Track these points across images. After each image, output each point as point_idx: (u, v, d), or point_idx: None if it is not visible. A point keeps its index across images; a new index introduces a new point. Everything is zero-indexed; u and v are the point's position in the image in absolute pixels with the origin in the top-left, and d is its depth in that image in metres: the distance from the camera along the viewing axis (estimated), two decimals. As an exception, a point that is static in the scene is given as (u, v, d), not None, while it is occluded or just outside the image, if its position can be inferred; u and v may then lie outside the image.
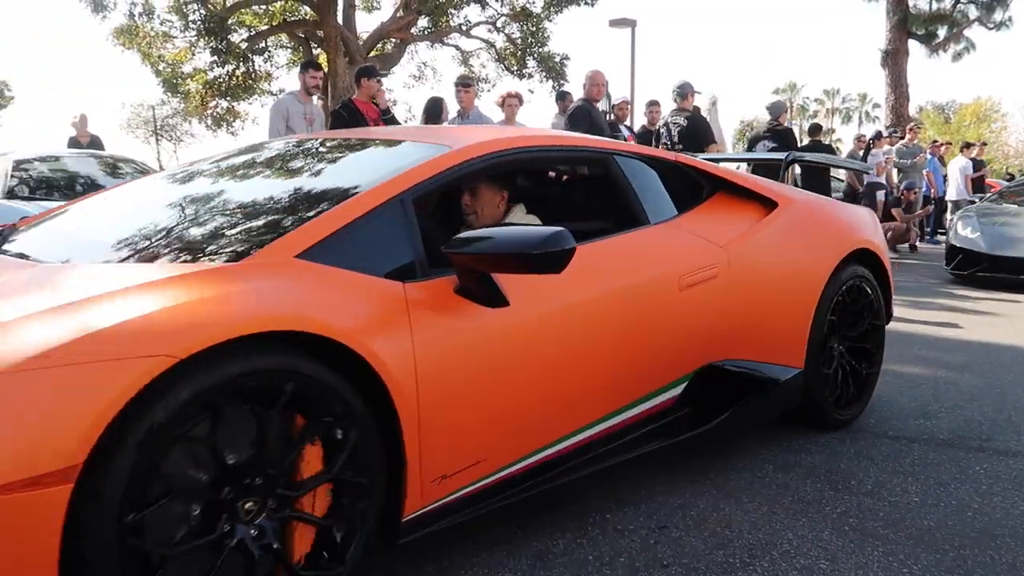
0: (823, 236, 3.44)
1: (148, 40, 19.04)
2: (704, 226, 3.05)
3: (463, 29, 20.74)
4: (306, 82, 6.82)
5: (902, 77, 22.52)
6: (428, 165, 2.41)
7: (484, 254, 2.11)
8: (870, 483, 2.92)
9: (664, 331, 2.77)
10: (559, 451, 2.46)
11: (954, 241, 9.05)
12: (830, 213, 3.66)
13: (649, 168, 3.11)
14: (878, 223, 3.98)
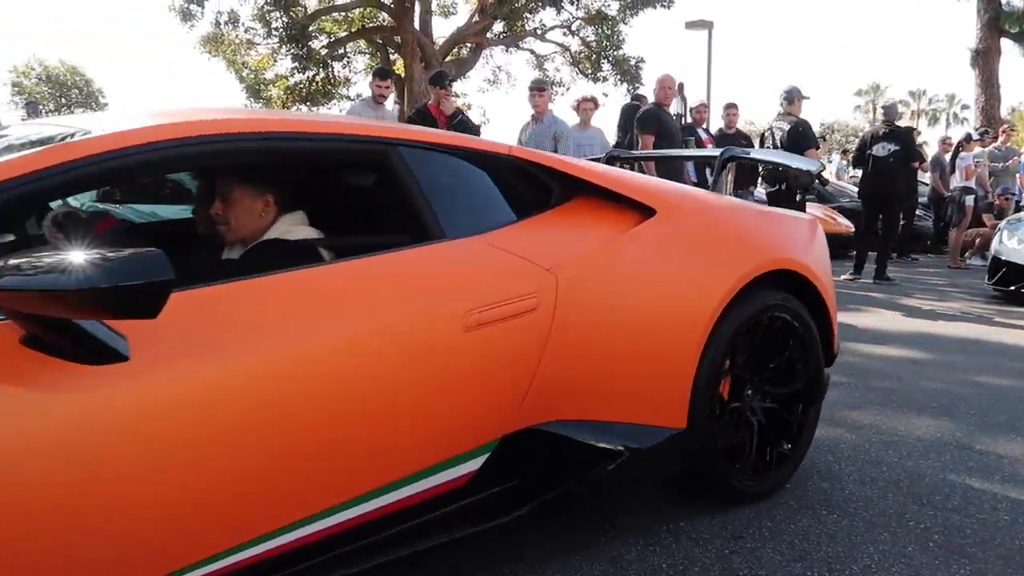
0: (717, 254, 2.58)
1: (233, 47, 19.66)
2: (528, 243, 2.23)
3: (538, 33, 20.79)
4: (372, 90, 7.00)
5: (993, 77, 21.65)
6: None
7: (12, 291, 1.38)
8: (957, 499, 2.81)
9: (434, 387, 1.97)
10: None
11: (998, 252, 7.80)
12: (733, 224, 2.76)
13: (464, 165, 2.33)
14: (816, 237, 3.04)
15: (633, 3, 19.39)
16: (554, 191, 2.48)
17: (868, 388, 4.29)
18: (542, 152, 2.61)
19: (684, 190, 2.93)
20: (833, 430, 3.56)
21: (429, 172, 2.20)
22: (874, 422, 3.69)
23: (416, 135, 2.27)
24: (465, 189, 2.32)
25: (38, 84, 39.53)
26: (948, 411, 3.87)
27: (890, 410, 3.89)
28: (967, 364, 4.87)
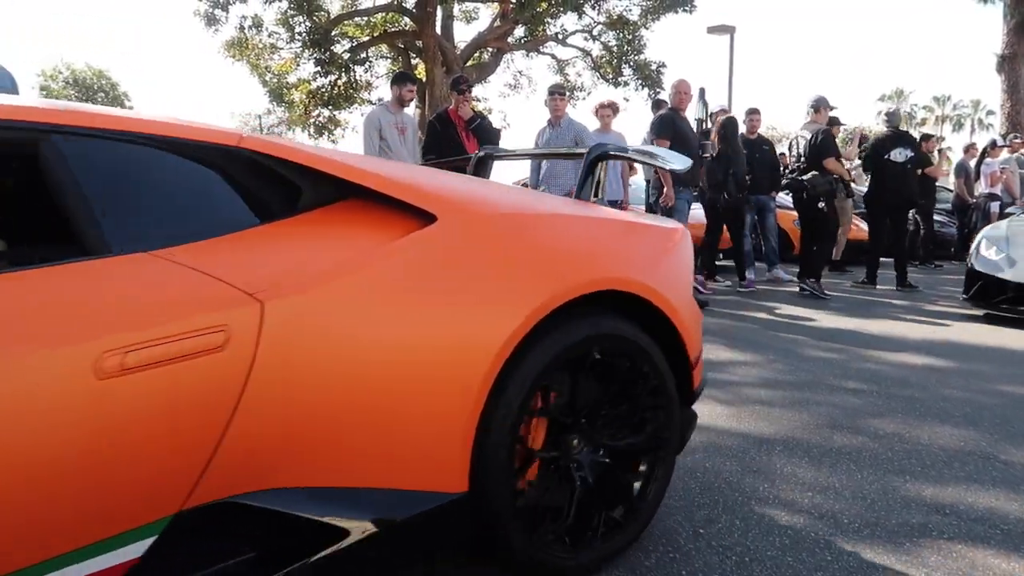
0: (514, 271, 1.98)
1: (256, 52, 19.83)
2: (231, 259, 1.71)
3: (559, 38, 20.81)
4: (402, 95, 7.00)
5: (1020, 82, 21.42)
6: None
7: None
8: (980, 508, 2.78)
9: (55, 452, 1.42)
10: None
11: (974, 263, 7.14)
12: (544, 234, 2.11)
13: (161, 159, 1.78)
14: (672, 252, 2.47)
15: (655, 8, 19.36)
16: (304, 193, 1.94)
17: (890, 396, 4.25)
18: (295, 144, 2.01)
19: (483, 190, 2.22)
20: (855, 438, 3.53)
21: (95, 168, 1.67)
22: (897, 431, 3.65)
23: (83, 119, 1.69)
24: (157, 190, 1.76)
25: (65, 88, 40.02)
26: (972, 420, 3.83)
27: (913, 419, 3.85)
28: (991, 373, 4.82)
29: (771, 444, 3.44)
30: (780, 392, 4.35)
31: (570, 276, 2.06)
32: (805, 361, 5.09)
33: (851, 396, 4.25)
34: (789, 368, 4.89)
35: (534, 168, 7.71)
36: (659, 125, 7.22)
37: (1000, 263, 6.82)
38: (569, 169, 7.41)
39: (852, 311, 7.34)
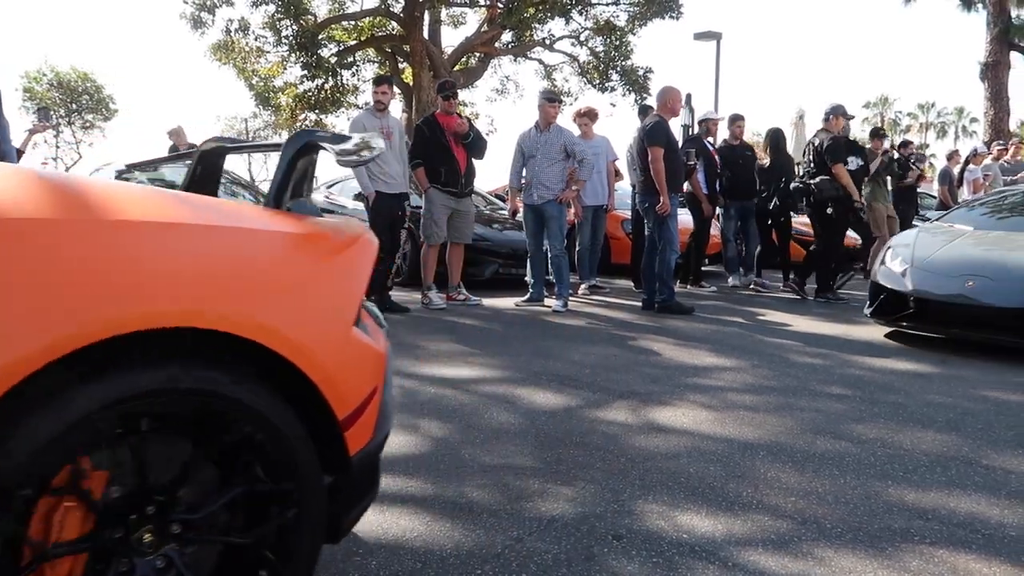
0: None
1: (243, 55, 19.76)
2: None
3: (546, 43, 20.83)
4: (377, 97, 7.02)
5: (1003, 90, 21.64)
6: None
7: None
8: (962, 513, 2.79)
9: None
10: None
11: (877, 275, 6.55)
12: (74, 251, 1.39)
13: None
14: (329, 272, 1.82)
15: (642, 14, 19.42)
16: None
17: (874, 401, 4.27)
18: None
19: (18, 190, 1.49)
20: (838, 443, 3.54)
21: None
22: (880, 436, 3.67)
23: None
24: None
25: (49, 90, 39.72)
26: (955, 426, 3.85)
27: (896, 424, 3.87)
28: (975, 378, 4.85)
29: (755, 449, 3.45)
30: (764, 397, 4.36)
31: (97, 309, 1.40)
32: (790, 366, 5.11)
33: (835, 401, 4.27)
34: (773, 373, 4.91)
35: (516, 170, 7.70)
36: (655, 133, 7.23)
37: (902, 275, 6.21)
38: (559, 173, 7.40)
39: (837, 316, 7.38)
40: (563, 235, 7.58)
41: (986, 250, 6.19)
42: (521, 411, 3.98)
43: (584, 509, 2.76)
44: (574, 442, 3.49)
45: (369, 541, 2.48)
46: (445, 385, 4.48)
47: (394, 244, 7.16)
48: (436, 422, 3.76)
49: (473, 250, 8.14)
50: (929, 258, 6.22)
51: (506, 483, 2.99)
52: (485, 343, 5.73)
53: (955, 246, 6.39)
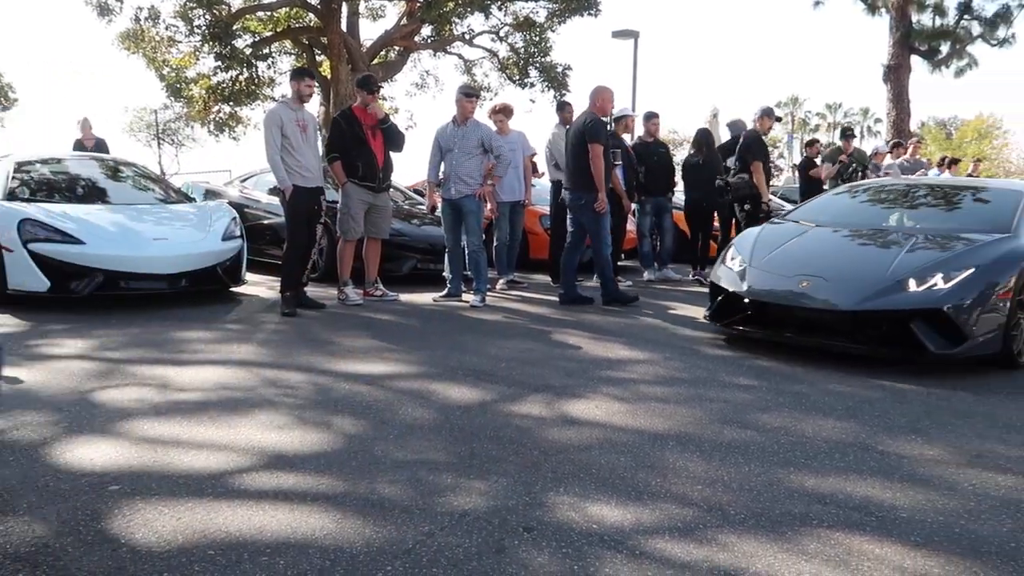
0: None
1: (153, 44, 19.09)
2: None
3: (466, 38, 20.77)
4: (301, 90, 6.85)
5: (904, 92, 22.59)
6: None
7: None
8: (858, 498, 2.91)
9: None
10: None
11: (715, 275, 6.13)
12: None
13: None
14: None
15: (561, 10, 19.53)
16: None
17: (779, 392, 4.41)
18: None
19: None
20: (744, 432, 3.65)
21: None
22: (784, 424, 3.80)
23: None
24: None
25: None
26: (853, 413, 4.02)
27: (799, 413, 4.01)
28: (874, 367, 5.05)
29: (665, 439, 3.53)
30: (675, 389, 4.46)
31: None
32: (700, 358, 5.23)
33: (742, 392, 4.40)
34: (684, 365, 5.02)
35: (434, 165, 7.67)
36: (596, 130, 7.29)
37: (740, 276, 5.72)
38: (476, 167, 7.40)
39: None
40: (481, 230, 7.58)
41: (824, 248, 5.86)
42: (436, 406, 3.98)
43: (496, 502, 2.77)
44: (488, 436, 3.51)
45: (277, 540, 2.44)
46: (359, 382, 4.44)
47: (310, 239, 7.04)
48: (349, 419, 3.73)
49: (391, 245, 8.07)
50: (767, 257, 5.78)
51: (419, 478, 2.98)
52: (401, 339, 5.70)
53: (794, 244, 5.94)
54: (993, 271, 5.04)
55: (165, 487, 2.85)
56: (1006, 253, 5.25)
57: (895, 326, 4.99)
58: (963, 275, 4.95)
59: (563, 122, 8.94)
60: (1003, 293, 4.98)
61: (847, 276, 5.28)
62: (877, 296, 5.02)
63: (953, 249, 5.31)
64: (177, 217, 7.63)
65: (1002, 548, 2.53)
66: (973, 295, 4.88)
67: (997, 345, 4.99)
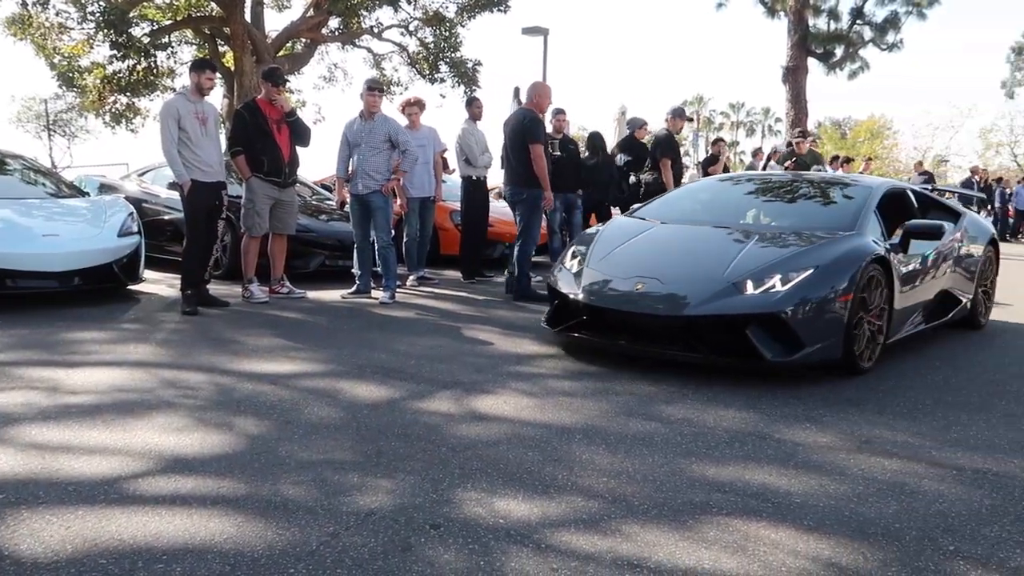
0: None
1: (43, 31, 18.19)
2: None
3: (375, 31, 20.54)
4: (201, 83, 6.62)
5: (801, 93, 23.46)
6: None
7: None
8: (755, 485, 3.01)
9: None
10: None
11: (552, 277, 5.58)
12: None
13: None
14: None
15: (470, 6, 19.52)
16: None
17: (684, 383, 4.52)
18: None
19: None
20: (648, 424, 3.72)
21: None
22: (687, 415, 3.89)
23: None
24: None
25: None
26: (753, 403, 4.15)
27: (701, 403, 4.12)
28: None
29: (571, 433, 3.57)
30: (583, 383, 4.51)
31: None
32: (604, 352, 5.30)
33: (648, 384, 4.48)
34: (592, 359, 5.09)
35: (342, 160, 7.56)
36: (536, 129, 7.45)
37: (576, 277, 5.26)
38: (384, 162, 7.32)
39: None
40: (390, 226, 7.51)
41: (664, 247, 5.43)
42: (343, 405, 3.92)
43: (403, 500, 2.75)
44: (395, 434, 3.48)
45: (174, 547, 2.36)
46: (263, 381, 4.33)
47: (211, 235, 6.84)
48: (252, 419, 3.64)
49: (298, 242, 7.92)
50: (606, 257, 5.32)
51: (324, 478, 2.94)
52: (308, 337, 5.59)
53: (635, 243, 5.48)
54: (833, 271, 4.72)
55: (53, 495, 2.72)
56: (847, 252, 4.92)
57: (731, 332, 4.62)
58: (802, 276, 4.63)
59: (472, 117, 8.93)
60: (844, 294, 4.67)
61: (683, 278, 4.87)
62: (712, 299, 4.62)
63: (794, 248, 5.00)
64: (69, 212, 7.29)
65: (888, 529, 2.66)
66: (812, 297, 4.57)
67: (838, 349, 4.70)
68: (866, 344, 4.90)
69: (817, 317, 4.60)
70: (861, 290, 4.79)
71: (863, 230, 5.27)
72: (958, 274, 6.35)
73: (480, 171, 8.81)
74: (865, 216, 5.43)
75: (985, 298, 6.94)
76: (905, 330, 5.53)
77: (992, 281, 7.12)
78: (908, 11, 23.74)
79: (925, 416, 4.04)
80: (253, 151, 6.94)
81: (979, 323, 6.79)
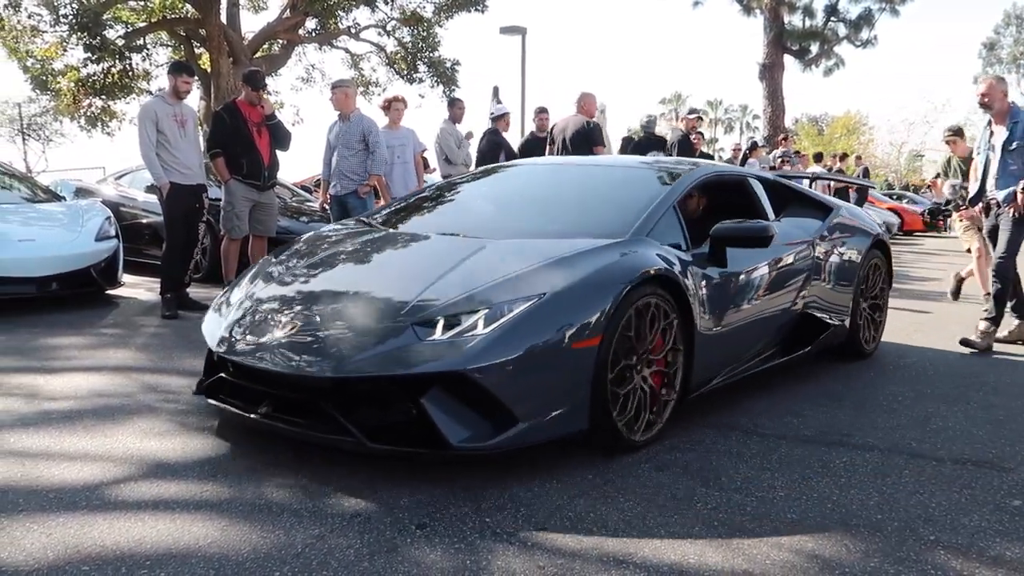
0: None
1: (15, 34, 17.97)
2: None
3: (352, 32, 20.46)
4: (177, 86, 6.58)
5: (778, 90, 23.63)
6: None
7: None
8: (739, 479, 3.04)
9: None
10: None
11: (204, 320, 3.93)
12: None
13: None
14: None
15: (448, 6, 19.49)
16: None
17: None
18: None
19: None
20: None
21: None
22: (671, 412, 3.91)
23: None
24: None
25: None
26: (735, 400, 4.17)
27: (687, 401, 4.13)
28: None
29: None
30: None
31: None
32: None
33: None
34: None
35: (326, 162, 7.53)
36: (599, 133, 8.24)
37: (222, 323, 3.62)
38: (358, 164, 7.29)
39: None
40: (370, 227, 7.48)
41: (349, 267, 3.87)
42: (326, 407, 3.90)
43: (388, 501, 2.75)
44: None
45: (158, 552, 2.34)
46: (246, 384, 4.30)
47: (191, 238, 6.79)
48: (234, 422, 3.61)
49: (278, 244, 7.87)
50: (272, 281, 3.80)
51: (308, 481, 2.92)
52: (290, 339, 5.55)
53: (319, 259, 3.94)
54: (571, 300, 3.11)
55: (33, 502, 2.69)
56: (599, 271, 3.27)
57: (403, 399, 2.93)
58: (519, 310, 3.00)
59: (453, 119, 8.92)
60: (591, 336, 3.05)
61: (350, 314, 3.26)
62: (375, 349, 2.98)
63: (525, 266, 3.29)
64: (45, 217, 7.22)
65: (869, 520, 2.68)
66: (533, 343, 2.93)
67: (582, 418, 3.08)
68: (639, 406, 3.32)
69: (539, 375, 2.96)
70: (625, 327, 3.21)
71: (640, 236, 3.65)
72: (824, 288, 4.81)
73: (460, 168, 8.80)
74: (649, 216, 3.79)
75: (873, 317, 5.40)
76: (725, 374, 4.00)
77: (882, 294, 5.52)
78: (881, 8, 24.00)
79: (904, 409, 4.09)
80: (232, 153, 6.89)
81: (864, 350, 5.25)
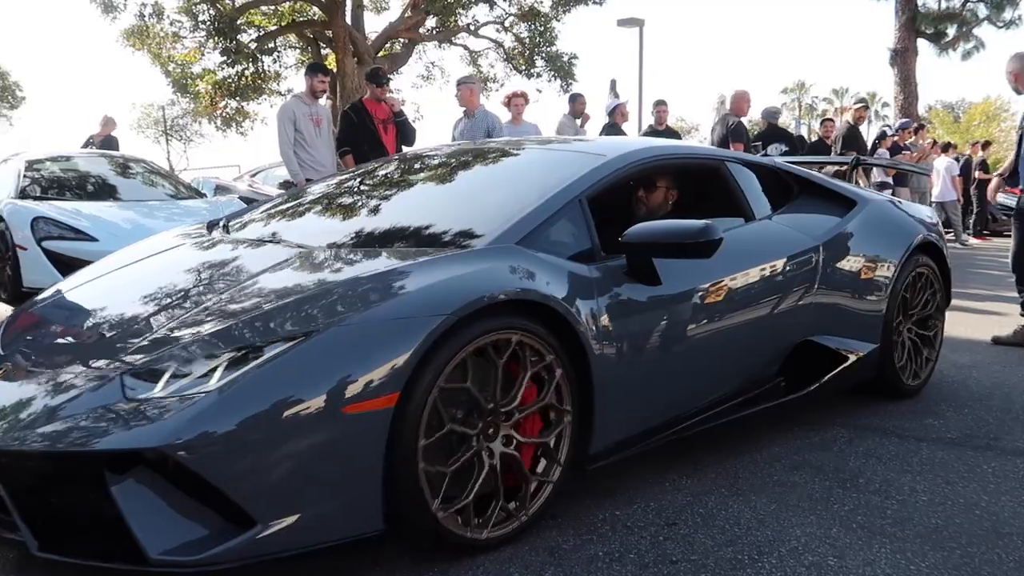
0: None
1: (158, 41, 19.12)
2: None
3: (471, 29, 20.75)
4: (314, 86, 6.87)
5: (911, 76, 22.48)
6: None
7: None
8: (878, 481, 2.94)
9: None
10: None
11: None
12: None
13: None
14: None
15: (565, 0, 19.50)
16: None
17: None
18: None
19: None
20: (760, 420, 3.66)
21: None
22: (798, 412, 3.80)
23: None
24: None
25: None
26: (868, 400, 4.01)
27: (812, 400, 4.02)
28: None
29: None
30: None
31: None
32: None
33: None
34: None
35: None
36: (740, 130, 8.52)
37: None
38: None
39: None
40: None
41: (121, 290, 2.90)
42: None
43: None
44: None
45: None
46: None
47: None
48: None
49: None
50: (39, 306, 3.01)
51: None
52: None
53: (108, 278, 3.06)
54: (350, 342, 2.12)
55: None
56: (406, 298, 2.25)
57: (90, 488, 1.99)
58: (269, 355, 2.05)
59: (573, 113, 8.92)
60: (376, 394, 2.04)
61: (62, 357, 2.38)
62: (63, 412, 2.04)
63: (313, 287, 2.40)
64: (189, 213, 7.65)
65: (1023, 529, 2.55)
66: (270, 405, 1.96)
67: (374, 517, 2.11)
68: (491, 490, 2.35)
69: (288, 452, 1.98)
70: (453, 377, 2.21)
71: (505, 243, 2.58)
72: (836, 307, 3.62)
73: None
74: (529, 216, 2.70)
75: (918, 343, 4.07)
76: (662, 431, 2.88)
77: (935, 313, 4.18)
78: (1028, -14, 22.44)
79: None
80: (360, 151, 7.14)
81: (903, 387, 3.96)
